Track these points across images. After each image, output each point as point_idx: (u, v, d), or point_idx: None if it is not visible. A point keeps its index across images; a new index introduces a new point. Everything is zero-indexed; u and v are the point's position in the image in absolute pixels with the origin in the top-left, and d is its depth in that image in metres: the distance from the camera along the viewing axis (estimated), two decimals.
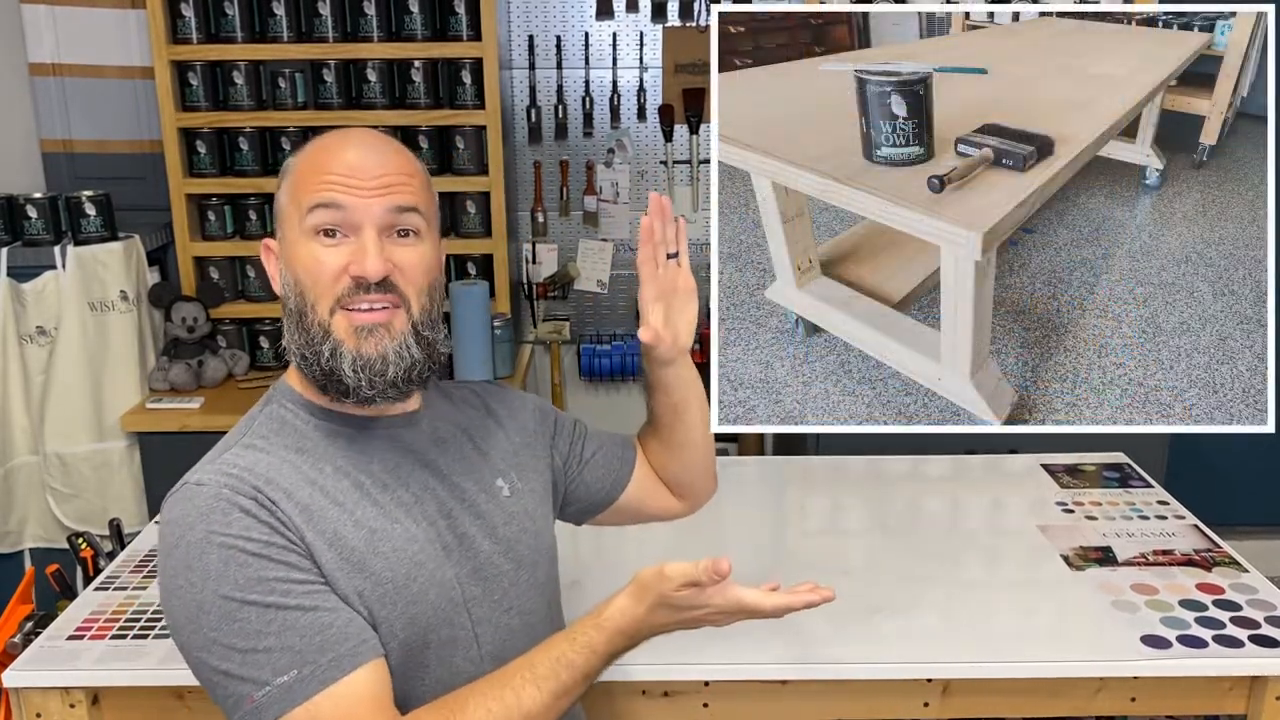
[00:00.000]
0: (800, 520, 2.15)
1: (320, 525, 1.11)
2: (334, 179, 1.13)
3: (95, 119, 3.19)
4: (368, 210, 1.13)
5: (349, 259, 1.13)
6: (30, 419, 2.89)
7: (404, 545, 1.16)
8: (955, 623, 1.68)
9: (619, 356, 3.54)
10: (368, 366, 1.13)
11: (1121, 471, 2.26)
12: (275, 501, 1.09)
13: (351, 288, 1.13)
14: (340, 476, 1.16)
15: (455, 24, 3.01)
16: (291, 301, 1.16)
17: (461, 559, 1.22)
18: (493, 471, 1.31)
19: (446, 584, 1.19)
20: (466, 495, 1.25)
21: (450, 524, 1.22)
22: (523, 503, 1.32)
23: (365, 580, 1.11)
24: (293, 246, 1.16)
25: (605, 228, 3.51)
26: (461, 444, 1.30)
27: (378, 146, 1.17)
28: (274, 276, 1.22)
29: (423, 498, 1.21)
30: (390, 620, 1.12)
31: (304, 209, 1.14)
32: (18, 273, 2.81)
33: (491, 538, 1.25)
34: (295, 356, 1.17)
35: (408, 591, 1.14)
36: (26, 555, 2.96)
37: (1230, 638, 1.62)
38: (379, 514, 1.16)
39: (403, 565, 1.15)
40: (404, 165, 1.17)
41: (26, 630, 1.85)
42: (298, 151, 1.21)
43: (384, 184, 1.14)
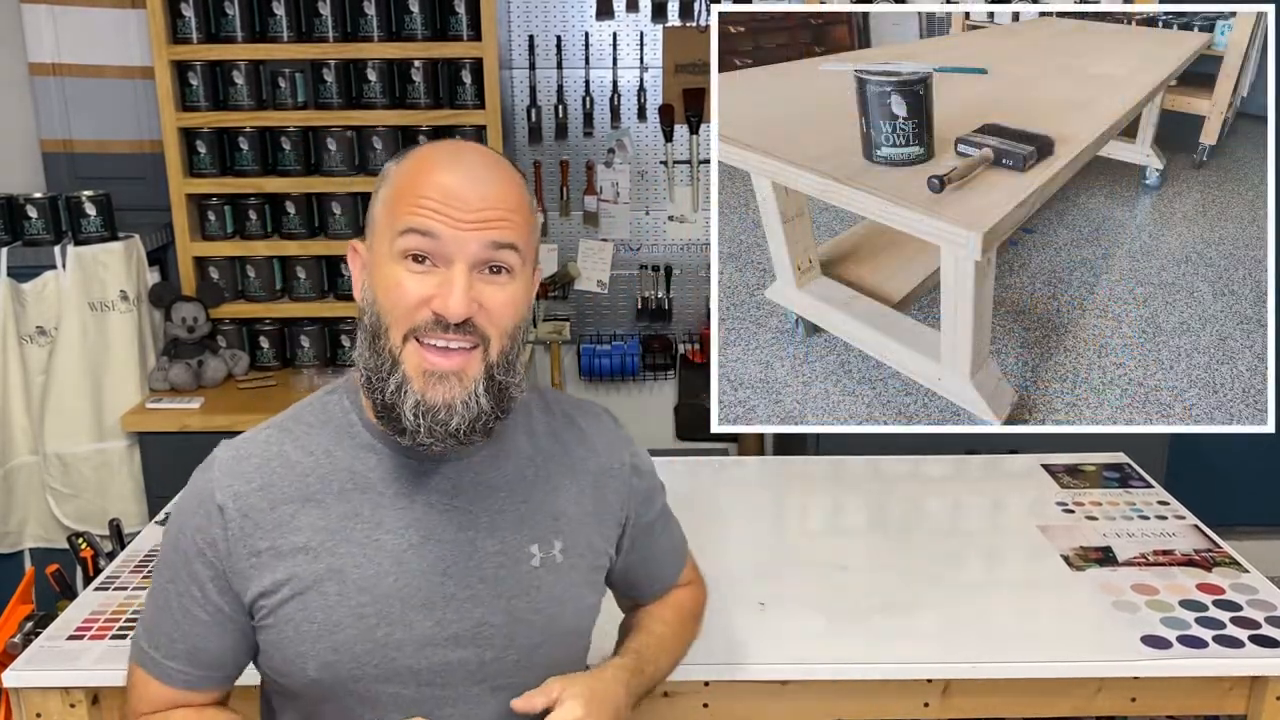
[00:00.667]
0: (800, 520, 2.15)
1: (280, 546, 1.12)
2: (431, 204, 1.06)
3: (95, 119, 3.19)
4: (462, 245, 1.06)
5: (434, 292, 1.06)
6: (30, 419, 2.89)
7: (353, 594, 1.11)
8: (955, 623, 1.68)
9: (619, 356, 3.54)
10: (430, 413, 1.07)
11: (1121, 471, 2.26)
12: (246, 514, 1.12)
13: (431, 322, 1.06)
14: (344, 499, 1.13)
15: (455, 24, 3.01)
16: (368, 318, 1.10)
17: (444, 621, 1.13)
18: (531, 535, 1.18)
19: (392, 645, 1.12)
20: (477, 553, 1.15)
21: (443, 581, 1.13)
22: (555, 575, 1.19)
23: (296, 610, 1.11)
24: (379, 263, 1.09)
25: (605, 228, 3.51)
26: (511, 492, 1.18)
27: (483, 173, 1.09)
28: (356, 283, 1.15)
29: (421, 549, 1.13)
30: (304, 657, 1.11)
31: (396, 230, 1.07)
32: (18, 273, 2.81)
33: (487, 608, 1.15)
34: (361, 374, 1.12)
35: (332, 639, 1.11)
36: (26, 555, 2.96)
37: (1230, 638, 1.62)
38: (350, 552, 1.12)
39: (336, 613, 1.11)
40: (508, 197, 1.09)
41: (26, 630, 1.85)
42: (400, 158, 1.13)
43: (483, 218, 1.07)
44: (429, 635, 1.13)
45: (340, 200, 3.04)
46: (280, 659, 1.13)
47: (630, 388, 3.62)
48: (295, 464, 1.14)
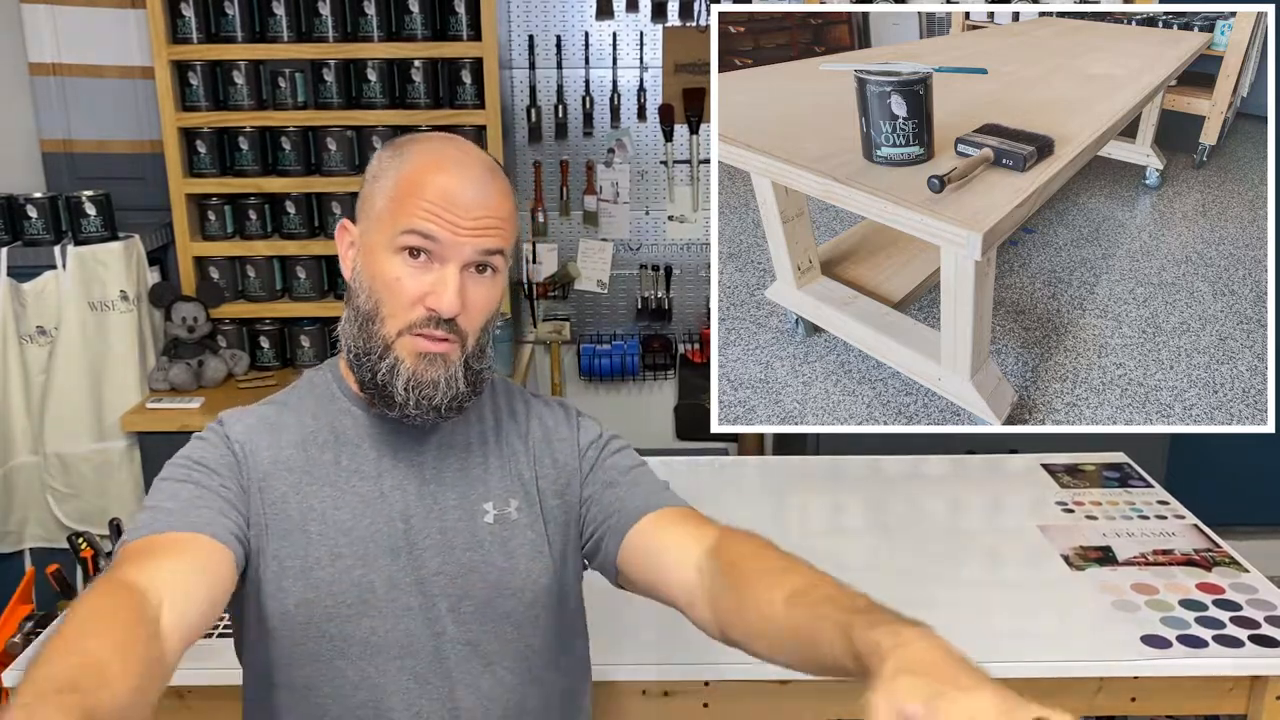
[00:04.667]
0: (800, 520, 2.15)
1: (271, 488, 1.20)
2: (434, 208, 1.14)
3: (95, 119, 3.19)
4: (459, 248, 1.15)
5: (429, 289, 1.15)
6: (30, 419, 2.89)
7: (333, 534, 1.19)
8: (955, 623, 1.67)
9: (619, 356, 3.54)
10: (419, 388, 1.17)
11: (1121, 471, 2.26)
12: (249, 454, 1.21)
13: (425, 318, 1.16)
14: (325, 449, 1.23)
15: (455, 24, 3.00)
16: (361, 300, 1.19)
17: (408, 566, 1.21)
18: (486, 493, 1.26)
19: (365, 585, 1.19)
20: (437, 506, 1.23)
21: (406, 529, 1.21)
22: (509, 530, 1.25)
23: (281, 544, 1.19)
24: (376, 251, 1.18)
25: (605, 228, 3.51)
26: (470, 453, 1.27)
27: (484, 182, 1.17)
28: (344, 259, 1.24)
29: (389, 497, 1.22)
30: (285, 591, 1.18)
31: (399, 227, 1.15)
32: (18, 273, 2.81)
33: (444, 557, 1.22)
34: (348, 352, 1.22)
35: (312, 575, 1.18)
36: (26, 555, 2.96)
37: (1230, 638, 1.62)
38: (329, 494, 1.21)
39: (316, 550, 1.18)
40: (501, 206, 1.18)
41: (26, 630, 1.86)
42: (401, 151, 1.20)
43: (481, 225, 1.15)
44: (394, 579, 1.20)
45: (340, 200, 3.05)
46: (260, 595, 1.18)
47: (630, 388, 3.62)
48: (287, 425, 1.25)
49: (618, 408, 3.61)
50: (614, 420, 3.33)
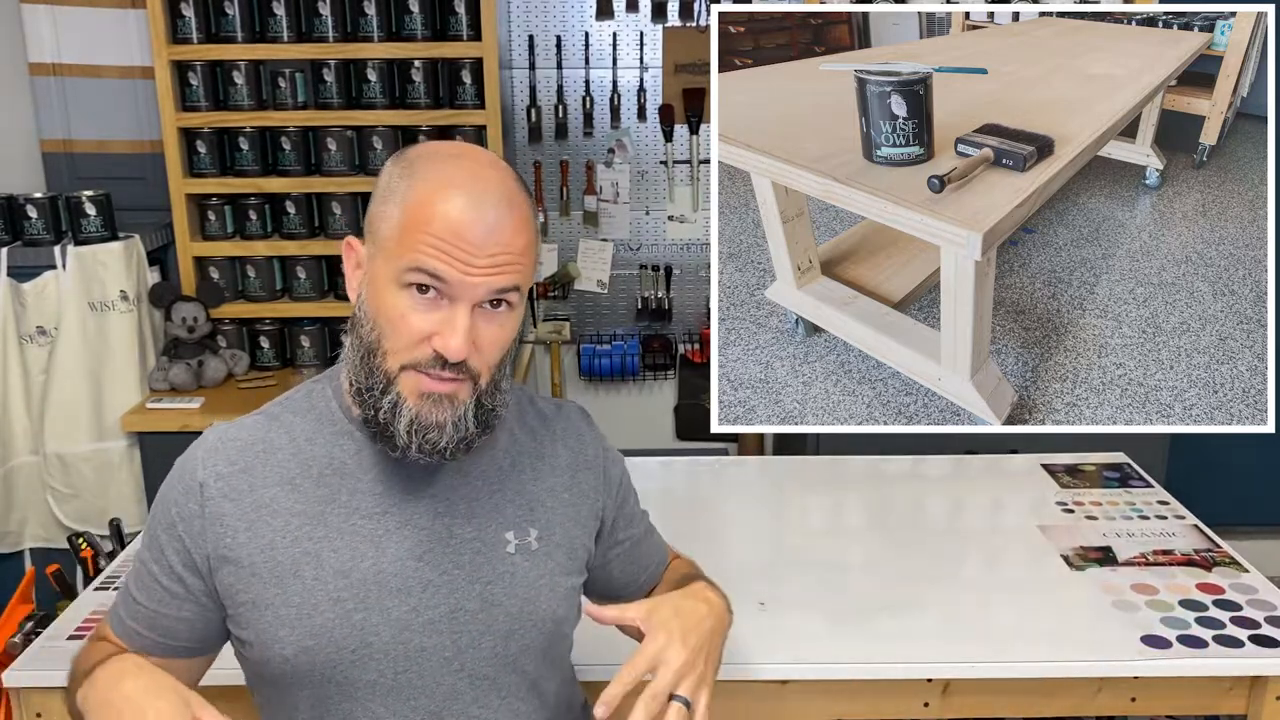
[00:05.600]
0: (800, 520, 2.15)
1: (258, 529, 1.13)
2: (443, 245, 1.04)
3: (95, 119, 3.19)
4: (470, 289, 1.05)
5: (436, 328, 1.06)
6: (30, 419, 2.88)
7: (329, 577, 1.12)
8: (955, 623, 1.68)
9: (619, 356, 3.54)
10: (422, 431, 1.08)
11: (1121, 471, 2.26)
12: (226, 494, 1.13)
13: (430, 358, 1.07)
14: (322, 484, 1.15)
15: (455, 24, 3.00)
16: (365, 331, 1.10)
17: (420, 606, 1.14)
18: (506, 522, 1.19)
19: (369, 629, 1.12)
20: (453, 539, 1.16)
21: (419, 566, 1.14)
22: (530, 561, 1.20)
23: (273, 591, 1.12)
24: (381, 283, 1.08)
25: (605, 228, 3.51)
26: (486, 480, 1.20)
27: (499, 212, 1.06)
28: (350, 280, 1.15)
29: (398, 534, 1.14)
30: (282, 641, 1.12)
31: (404, 263, 1.05)
32: (18, 273, 2.81)
33: (464, 593, 1.15)
34: (350, 382, 1.13)
35: (310, 622, 1.12)
36: (26, 555, 2.96)
37: (1230, 638, 1.62)
38: (327, 536, 1.13)
39: (313, 595, 1.12)
40: (517, 239, 1.07)
41: (26, 630, 1.86)
42: (412, 169, 1.09)
43: (495, 264, 1.05)
44: (404, 620, 1.13)
45: (340, 200, 3.04)
46: (258, 644, 1.13)
47: (630, 388, 3.62)
48: (277, 449, 1.16)
49: (618, 408, 3.61)
50: (614, 420, 3.34)
